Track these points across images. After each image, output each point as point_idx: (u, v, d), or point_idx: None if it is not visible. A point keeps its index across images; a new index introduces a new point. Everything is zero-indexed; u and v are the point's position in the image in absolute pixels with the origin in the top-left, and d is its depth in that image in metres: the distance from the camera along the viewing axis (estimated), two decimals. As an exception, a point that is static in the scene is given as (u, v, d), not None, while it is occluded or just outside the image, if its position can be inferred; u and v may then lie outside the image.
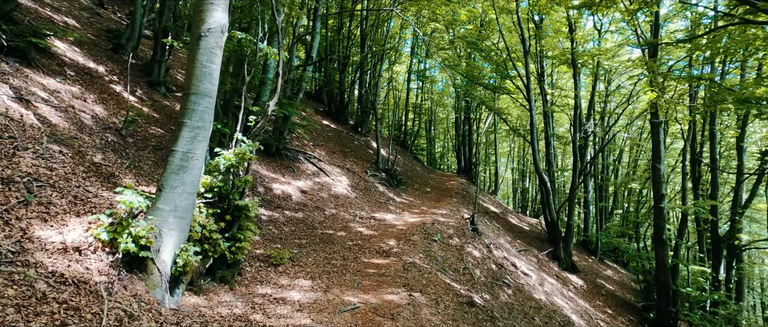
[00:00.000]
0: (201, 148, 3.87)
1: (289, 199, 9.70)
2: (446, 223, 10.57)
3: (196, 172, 3.86)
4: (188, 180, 3.78)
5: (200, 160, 3.89)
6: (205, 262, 4.33)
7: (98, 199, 4.04)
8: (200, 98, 3.85)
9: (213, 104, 3.99)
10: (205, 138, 3.92)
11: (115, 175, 4.80)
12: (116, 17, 12.59)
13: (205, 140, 3.93)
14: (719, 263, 12.45)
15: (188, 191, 3.79)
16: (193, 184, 3.85)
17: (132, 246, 3.33)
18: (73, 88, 7.51)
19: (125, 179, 4.87)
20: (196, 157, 3.83)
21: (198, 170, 3.89)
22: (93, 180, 4.36)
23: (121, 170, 5.11)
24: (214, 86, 3.97)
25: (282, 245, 7.33)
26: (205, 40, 3.88)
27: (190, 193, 3.82)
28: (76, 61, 8.55)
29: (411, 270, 6.63)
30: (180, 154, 3.74)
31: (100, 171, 4.67)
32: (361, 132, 18.11)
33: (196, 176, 3.87)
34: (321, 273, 5.90)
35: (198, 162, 3.86)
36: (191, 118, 3.81)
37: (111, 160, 5.14)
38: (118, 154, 5.70)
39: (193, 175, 3.83)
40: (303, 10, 11.49)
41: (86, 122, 6.52)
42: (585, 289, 13.10)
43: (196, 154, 3.83)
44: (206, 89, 3.89)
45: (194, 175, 3.84)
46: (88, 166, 4.58)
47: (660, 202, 11.66)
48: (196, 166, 3.83)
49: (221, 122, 6.45)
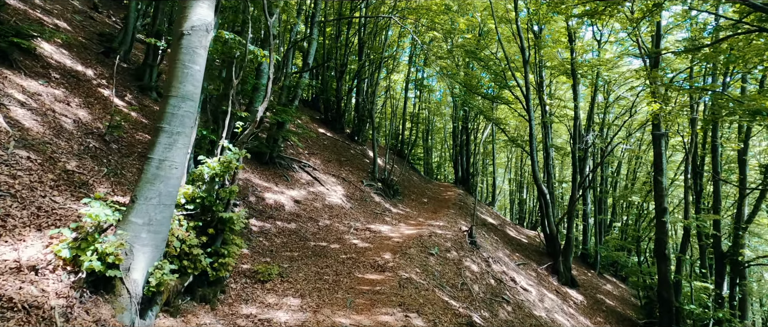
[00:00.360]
0: (180, 155, 3.53)
1: (282, 210, 9.35)
2: (443, 235, 10.24)
3: (174, 182, 3.52)
4: (165, 190, 3.44)
5: (179, 169, 3.56)
6: (183, 280, 3.97)
7: (65, 211, 3.68)
8: (181, 101, 3.53)
9: (195, 108, 3.67)
10: (186, 145, 3.60)
11: (89, 183, 4.45)
12: (110, 21, 12.33)
13: (186, 147, 3.61)
14: (722, 279, 12.15)
15: (165, 203, 3.45)
16: (170, 195, 3.51)
17: (97, 264, 2.98)
18: (56, 91, 7.19)
19: (100, 189, 4.52)
20: (175, 166, 3.50)
21: (176, 180, 3.55)
22: (62, 189, 4.01)
23: (98, 178, 4.75)
24: (196, 89, 3.66)
25: (272, 259, 6.96)
26: (188, 39, 3.57)
27: (167, 205, 3.48)
28: (63, 64, 8.25)
29: (407, 287, 6.28)
30: (156, 161, 3.41)
31: (72, 179, 4.31)
32: (357, 141, 17.82)
33: (174, 186, 3.53)
34: (312, 290, 5.54)
35: (176, 170, 3.52)
36: (170, 122, 3.48)
37: (87, 168, 4.79)
38: (97, 161, 5.35)
39: (171, 185, 3.49)
40: (300, 17, 11.26)
41: (66, 127, 6.19)
42: (585, 305, 12.75)
43: (174, 162, 3.49)
44: (188, 92, 3.57)
45: (172, 185, 3.50)
46: (59, 173, 4.23)
47: (662, 215, 11.38)
48: (174, 176, 3.50)
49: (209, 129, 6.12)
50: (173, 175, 3.48)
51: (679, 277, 11.85)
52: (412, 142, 22.86)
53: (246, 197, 9.07)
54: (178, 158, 3.51)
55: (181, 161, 3.55)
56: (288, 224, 8.86)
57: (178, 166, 3.52)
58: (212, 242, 4.41)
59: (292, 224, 8.91)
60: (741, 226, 11.73)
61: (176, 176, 3.52)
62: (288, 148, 12.63)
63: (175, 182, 3.52)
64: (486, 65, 16.18)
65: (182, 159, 3.56)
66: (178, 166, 3.51)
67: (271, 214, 8.98)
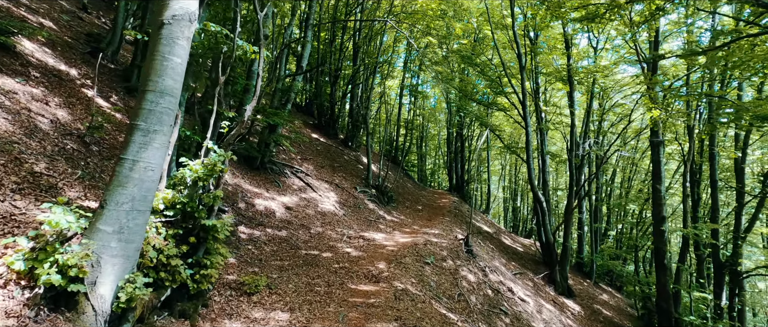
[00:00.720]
0: (157, 156, 3.19)
1: (273, 216, 9.00)
2: (439, 243, 9.94)
3: (149, 185, 3.17)
4: (139, 194, 3.10)
5: (156, 171, 3.22)
6: (160, 293, 3.60)
7: (26, 217, 3.31)
8: (159, 97, 3.20)
9: (176, 105, 3.34)
10: (164, 145, 3.26)
11: (58, 187, 4.07)
12: (99, 22, 12.02)
13: (164, 147, 3.27)
14: (721, 290, 11.96)
15: (139, 208, 3.10)
16: (145, 200, 3.16)
17: (56, 278, 2.62)
18: (34, 89, 6.83)
19: (70, 192, 4.14)
20: (151, 167, 3.15)
21: (152, 183, 3.21)
22: (26, 193, 3.64)
23: (70, 182, 4.38)
24: (177, 83, 3.33)
25: (261, 268, 6.59)
26: (169, 29, 3.25)
27: (141, 211, 3.13)
28: (45, 63, 7.89)
29: (403, 299, 5.94)
30: (130, 162, 3.06)
31: (39, 182, 3.94)
32: (351, 146, 17.51)
33: (149, 190, 3.19)
34: (302, 303, 5.18)
35: (152, 173, 3.18)
36: (146, 119, 3.14)
37: (58, 170, 4.41)
38: (72, 163, 4.98)
39: (146, 189, 3.15)
40: (294, 19, 10.99)
41: (42, 127, 5.81)
42: (583, 316, 12.48)
43: (150, 163, 3.15)
44: (167, 86, 3.24)
45: (147, 188, 3.16)
46: (25, 176, 3.86)
47: (661, 224, 11.20)
48: (149, 178, 3.15)
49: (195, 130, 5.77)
50: (148, 177, 3.14)
51: (678, 287, 11.64)
52: (406, 149, 22.61)
53: (235, 203, 8.70)
54: (155, 159, 3.17)
55: (158, 163, 3.21)
56: (279, 232, 8.49)
57: (155, 167, 3.18)
58: (194, 252, 4.05)
59: (283, 232, 8.55)
60: (740, 235, 11.59)
61: (152, 179, 3.18)
62: (280, 153, 12.28)
63: (150, 185, 3.18)
64: (482, 71, 16.02)
65: (159, 160, 3.21)
66: (154, 168, 3.17)
67: (261, 221, 8.61)
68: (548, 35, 15.95)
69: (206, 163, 4.06)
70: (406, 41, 18.34)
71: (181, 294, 3.94)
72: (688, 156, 12.00)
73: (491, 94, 16.80)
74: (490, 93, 16.77)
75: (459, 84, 17.74)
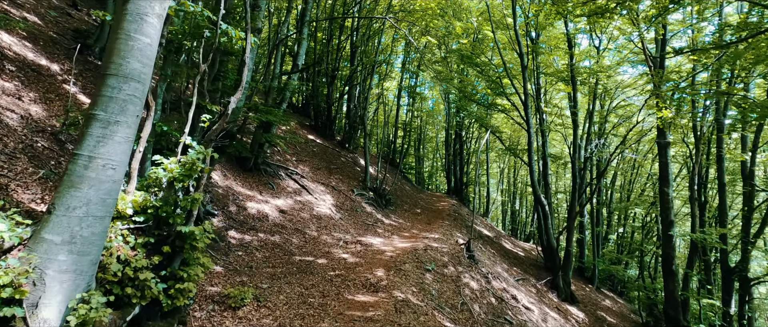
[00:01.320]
0: (119, 151, 2.70)
1: (265, 220, 8.51)
2: (440, 248, 9.47)
3: (109, 186, 2.68)
4: (96, 197, 2.61)
5: (118, 170, 2.73)
6: (125, 312, 3.11)
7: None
8: (122, 82, 2.72)
9: (143, 92, 2.86)
10: (128, 138, 2.77)
11: (11, 188, 3.57)
12: (89, 19, 11.59)
13: (128, 141, 2.78)
14: (730, 296, 11.56)
15: (95, 214, 2.61)
16: (104, 204, 2.67)
17: (-15, 300, 2.14)
18: (6, 83, 6.34)
19: (24, 195, 3.64)
20: (111, 165, 2.67)
21: (113, 184, 2.72)
22: (-33, 195, 3.15)
23: (28, 182, 3.87)
24: (145, 68, 2.85)
25: (250, 277, 6.09)
26: (135, 4, 2.78)
27: (99, 217, 2.64)
28: (23, 57, 7.40)
29: (404, 312, 5.46)
30: (84, 159, 2.58)
31: (-12, 182, 3.44)
32: (348, 148, 17.03)
33: (109, 192, 2.70)
34: (293, 317, 4.69)
35: (114, 172, 2.69)
36: (106, 109, 2.66)
37: (16, 169, 3.91)
38: (38, 162, 4.48)
39: (105, 191, 2.66)
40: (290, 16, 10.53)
41: (8, 122, 5.31)
42: (587, 324, 12.03)
43: (110, 160, 2.66)
44: (133, 70, 2.76)
45: (106, 190, 2.67)
46: (-29, 175, 3.37)
47: (669, 229, 10.78)
48: (109, 178, 2.67)
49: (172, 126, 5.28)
50: (108, 176, 2.65)
51: (686, 294, 11.23)
52: (404, 151, 22.15)
53: (226, 206, 8.21)
54: (116, 156, 2.68)
55: (121, 159, 2.72)
56: (271, 236, 8.00)
57: (116, 165, 2.69)
58: (168, 263, 3.55)
59: (276, 237, 8.06)
60: (749, 240, 11.20)
61: (113, 179, 2.69)
62: (275, 154, 11.80)
63: (110, 187, 2.69)
64: (482, 71, 15.62)
65: (122, 157, 2.73)
66: (115, 166, 2.68)
67: (253, 225, 8.13)
68: (549, 35, 15.60)
69: (183, 162, 3.57)
70: (405, 42, 17.93)
71: (153, 311, 3.44)
72: (696, 158, 11.62)
73: (491, 95, 16.40)
74: (490, 94, 16.37)
75: (458, 84, 17.33)
